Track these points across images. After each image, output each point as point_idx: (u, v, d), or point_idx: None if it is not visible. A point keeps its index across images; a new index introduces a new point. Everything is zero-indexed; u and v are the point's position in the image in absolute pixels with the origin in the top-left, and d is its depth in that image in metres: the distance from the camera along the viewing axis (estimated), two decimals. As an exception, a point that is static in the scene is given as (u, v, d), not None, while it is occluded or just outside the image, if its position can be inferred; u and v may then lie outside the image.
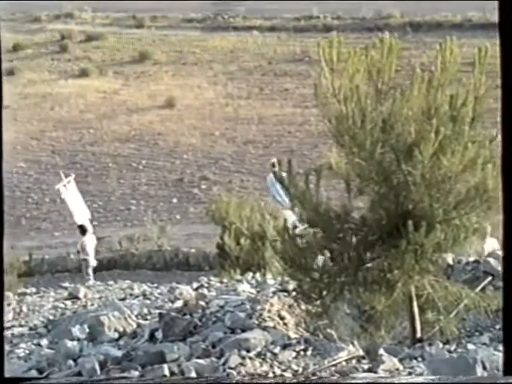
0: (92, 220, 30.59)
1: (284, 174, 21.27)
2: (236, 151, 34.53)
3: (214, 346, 6.67)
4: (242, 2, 46.73)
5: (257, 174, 32.43)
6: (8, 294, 14.05)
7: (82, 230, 20.74)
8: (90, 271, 19.99)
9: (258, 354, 6.26)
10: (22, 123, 37.88)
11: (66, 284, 15.19)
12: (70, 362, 6.98)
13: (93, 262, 20.12)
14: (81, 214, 23.30)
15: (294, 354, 6.23)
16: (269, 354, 6.24)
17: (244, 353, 6.27)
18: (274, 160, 20.11)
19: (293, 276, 7.04)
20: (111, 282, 14.95)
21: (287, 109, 37.21)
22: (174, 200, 31.29)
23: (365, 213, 6.83)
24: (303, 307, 7.03)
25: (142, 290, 11.83)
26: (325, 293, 6.69)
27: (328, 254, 6.69)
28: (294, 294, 7.21)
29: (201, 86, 39.98)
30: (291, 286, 7.52)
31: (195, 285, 11.16)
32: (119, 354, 6.99)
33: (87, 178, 33.45)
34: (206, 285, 10.53)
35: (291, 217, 20.98)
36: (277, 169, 19.77)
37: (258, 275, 10.99)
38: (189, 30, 46.01)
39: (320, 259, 6.68)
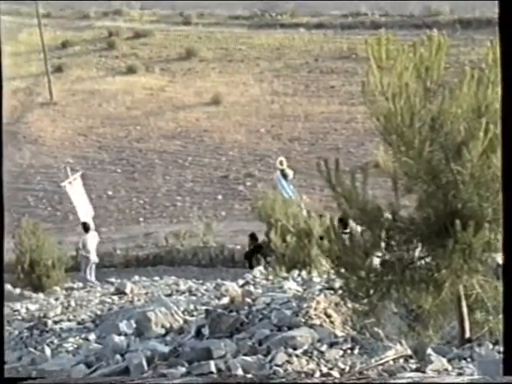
0: (139, 216, 30.88)
1: (289, 172, 21.05)
2: (281, 148, 34.49)
3: (260, 344, 6.67)
4: (290, -1, 46.69)
5: (302, 171, 32.36)
6: (56, 288, 14.24)
7: (85, 228, 20.54)
8: (89, 269, 19.69)
9: (305, 352, 6.25)
10: (70, 119, 38.25)
11: (113, 279, 15.30)
12: (118, 356, 7.02)
13: (94, 259, 19.95)
14: (85, 211, 23.29)
15: (340, 352, 6.21)
16: (315, 352, 6.22)
17: (291, 350, 6.26)
18: (282, 158, 20.12)
19: (339, 274, 7.02)
20: (157, 278, 15.04)
21: (333, 106, 37.09)
22: (220, 197, 31.38)
23: (412, 211, 6.78)
24: (350, 305, 7.00)
25: (188, 286, 11.85)
26: (372, 291, 6.65)
27: (375, 253, 6.66)
28: (340, 292, 7.18)
29: (247, 82, 40.01)
30: (338, 284, 7.49)
31: (241, 282, 11.17)
32: (166, 349, 7.02)
33: (134, 175, 33.70)
34: (252, 282, 10.54)
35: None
36: (284, 167, 19.80)
37: (303, 273, 10.98)
38: (235, 27, 46.06)
39: (374, 259, 6.65)
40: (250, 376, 5.79)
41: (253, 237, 19.49)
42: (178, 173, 33.64)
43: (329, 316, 7.03)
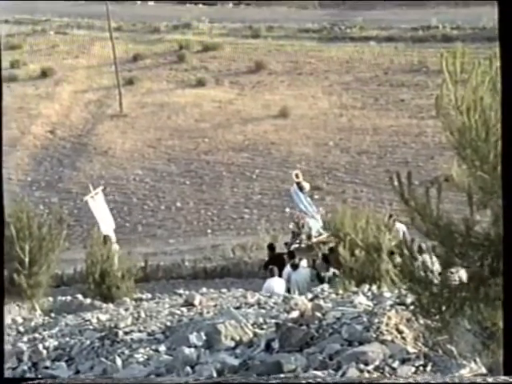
0: (206, 228, 31.05)
1: (306, 184, 21.06)
2: (349, 161, 34.36)
3: (331, 358, 6.62)
4: (360, 12, 46.54)
5: (370, 185, 32.18)
6: (125, 299, 14.35)
7: (105, 241, 20.74)
8: None
9: (377, 368, 6.19)
10: (139, 131, 38.69)
11: (181, 291, 15.35)
12: (188, 368, 7.05)
13: None
14: (107, 224, 23.71)
15: (413, 369, 6.13)
16: (387, 368, 6.16)
17: (362, 366, 6.20)
18: (297, 171, 20.17)
19: (411, 290, 6.93)
20: (224, 290, 15.06)
21: (403, 120, 36.83)
22: (287, 209, 31.34)
23: (487, 227, 6.67)
24: (422, 321, 6.90)
25: (256, 298, 11.82)
26: (444, 308, 6.56)
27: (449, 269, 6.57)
28: (412, 307, 7.09)
29: (315, 95, 39.97)
30: (409, 299, 7.40)
31: (310, 295, 11.12)
32: (236, 362, 7.01)
33: (202, 187, 33.90)
34: (321, 296, 10.49)
35: (315, 225, 20.62)
36: (300, 179, 19.85)
37: (373, 287, 10.88)
38: (305, 40, 46.10)
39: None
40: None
41: (271, 247, 19.95)
42: (246, 185, 33.73)
43: (400, 332, 6.94)
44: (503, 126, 4.53)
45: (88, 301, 13.83)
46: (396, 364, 6.23)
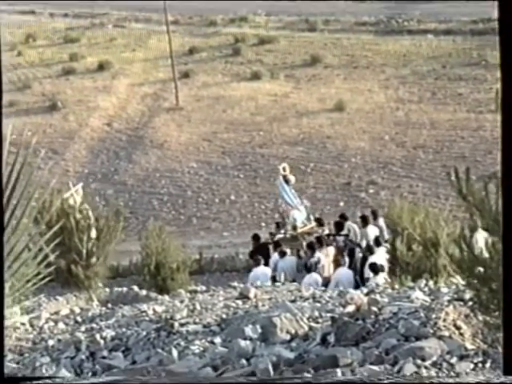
0: (260, 221, 31.04)
1: (291, 177, 21.78)
2: (405, 156, 34.09)
3: (387, 353, 6.57)
4: (418, 5, 46.09)
5: (426, 180, 31.90)
6: (180, 291, 14.42)
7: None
8: None
9: (434, 364, 6.12)
10: (195, 124, 38.85)
11: (235, 283, 15.37)
12: (243, 361, 7.05)
13: None
14: None
15: (471, 365, 6.05)
16: (445, 364, 6.09)
17: (419, 361, 6.14)
18: (285, 165, 20.68)
19: (470, 285, 6.85)
20: (278, 284, 15.04)
21: (460, 114, 36.40)
22: (341, 204, 31.24)
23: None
24: (480, 318, 6.81)
25: (311, 292, 11.79)
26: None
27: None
28: (470, 303, 7.00)
29: (372, 89, 39.72)
30: (467, 295, 7.31)
31: (365, 290, 11.05)
32: (291, 355, 6.99)
33: (256, 180, 33.93)
34: (377, 290, 10.41)
35: (300, 216, 21.08)
36: (287, 172, 20.32)
37: (430, 283, 10.77)
38: (362, 33, 45.83)
39: None
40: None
41: (256, 237, 20.53)
42: (300, 179, 33.62)
43: (458, 328, 6.86)
44: (503, 125, 4.42)
45: (144, 292, 13.93)
46: (454, 360, 6.16)
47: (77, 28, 50.87)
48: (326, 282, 16.12)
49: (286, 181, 20.34)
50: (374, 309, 7.76)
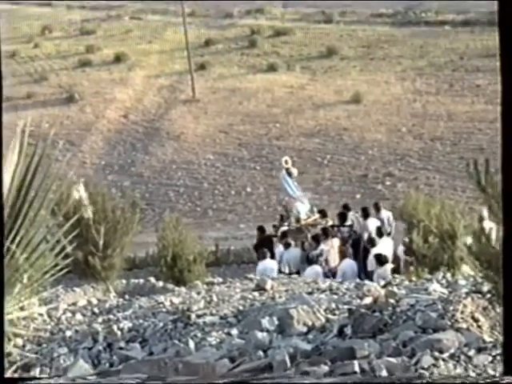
0: (276, 213, 30.99)
1: (294, 170, 21.94)
2: (423, 148, 33.99)
3: (404, 345, 6.54)
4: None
5: (443, 172, 31.80)
6: (197, 282, 14.42)
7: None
8: None
9: (452, 356, 6.09)
10: (211, 116, 38.87)
11: (251, 275, 15.36)
12: (260, 352, 7.04)
13: None
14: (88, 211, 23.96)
15: (489, 358, 6.02)
16: (463, 357, 6.06)
17: (437, 354, 6.11)
18: (287, 158, 20.72)
19: (488, 278, 6.81)
20: (295, 276, 15.03)
21: (478, 105, 36.25)
22: (358, 196, 31.19)
23: None
24: (499, 310, 6.77)
25: (328, 284, 11.76)
26: (523, 297, 6.42)
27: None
28: (489, 296, 6.96)
29: (388, 81, 39.61)
30: (485, 287, 7.27)
31: (382, 282, 11.02)
32: (308, 347, 6.98)
33: (272, 172, 33.89)
34: (394, 282, 10.39)
35: (303, 208, 21.25)
36: (289, 165, 20.35)
37: (448, 275, 10.74)
38: (378, 25, 45.68)
39: None
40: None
41: (261, 229, 20.43)
42: (316, 171, 33.62)
43: (476, 320, 6.83)
44: (503, 125, 4.40)
45: (160, 284, 13.92)
46: (472, 353, 6.13)
47: (93, 20, 50.97)
48: (334, 273, 16.16)
49: (289, 173, 20.44)
50: (392, 301, 7.74)
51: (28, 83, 43.36)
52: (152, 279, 14.22)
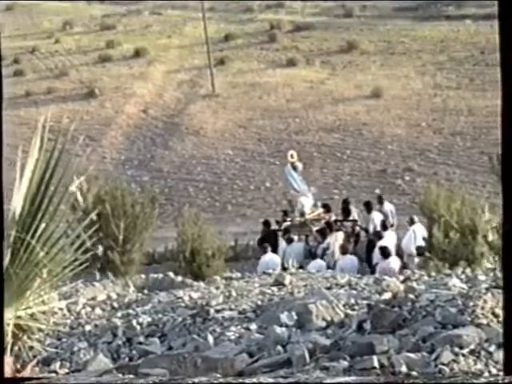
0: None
1: (299, 164, 22.04)
2: (442, 143, 33.84)
3: (424, 341, 6.51)
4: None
5: (464, 167, 31.66)
6: (216, 277, 14.44)
7: None
8: None
9: (472, 352, 6.05)
10: (231, 111, 38.86)
11: (270, 270, 15.37)
12: (279, 347, 7.03)
13: None
14: None
15: (510, 354, 5.98)
16: (483, 353, 6.02)
17: (457, 349, 6.07)
18: (292, 152, 20.72)
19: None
20: (313, 271, 15.01)
21: (499, 100, 35.89)
22: (377, 191, 31.07)
23: None
24: (519, 306, 6.72)
25: (347, 279, 11.75)
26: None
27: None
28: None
29: (408, 76, 39.46)
30: (506, 283, 7.21)
31: (401, 277, 11.00)
32: (327, 342, 6.96)
33: (291, 167, 33.84)
34: (414, 278, 10.36)
35: (308, 203, 21.33)
36: (294, 160, 20.36)
37: (467, 270, 10.69)
38: (399, 19, 45.50)
39: None
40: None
41: (266, 223, 20.41)
42: (336, 166, 33.56)
43: (496, 316, 6.78)
44: (503, 125, 4.36)
45: (179, 278, 13.95)
46: (492, 348, 6.09)
47: (113, 15, 51.09)
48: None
49: (294, 168, 20.46)
50: (411, 296, 7.70)
51: (48, 78, 43.52)
52: (171, 274, 14.25)
